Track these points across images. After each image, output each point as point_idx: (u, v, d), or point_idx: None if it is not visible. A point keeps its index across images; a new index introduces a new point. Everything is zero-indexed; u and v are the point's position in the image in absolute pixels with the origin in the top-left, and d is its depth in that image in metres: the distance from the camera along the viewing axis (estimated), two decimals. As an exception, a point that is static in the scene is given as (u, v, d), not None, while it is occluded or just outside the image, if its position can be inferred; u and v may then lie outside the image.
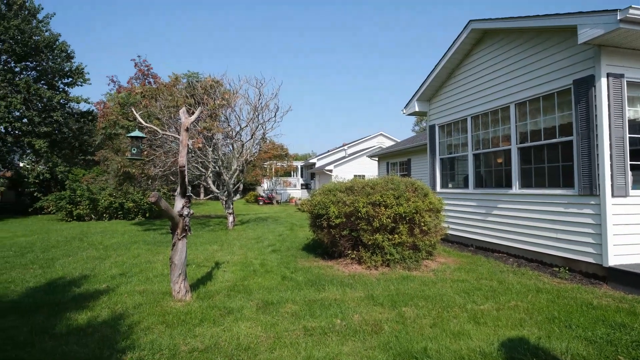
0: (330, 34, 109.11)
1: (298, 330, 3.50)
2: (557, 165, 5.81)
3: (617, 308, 3.92)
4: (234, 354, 3.05)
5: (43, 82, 19.16)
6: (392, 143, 28.60)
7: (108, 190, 15.59)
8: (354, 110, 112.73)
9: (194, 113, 4.87)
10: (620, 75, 5.01)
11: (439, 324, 3.57)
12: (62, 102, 19.43)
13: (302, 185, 34.14)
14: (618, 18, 4.36)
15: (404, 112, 9.81)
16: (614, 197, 4.92)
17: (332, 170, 27.22)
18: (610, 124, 4.94)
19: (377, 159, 21.03)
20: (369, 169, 25.38)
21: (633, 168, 5.09)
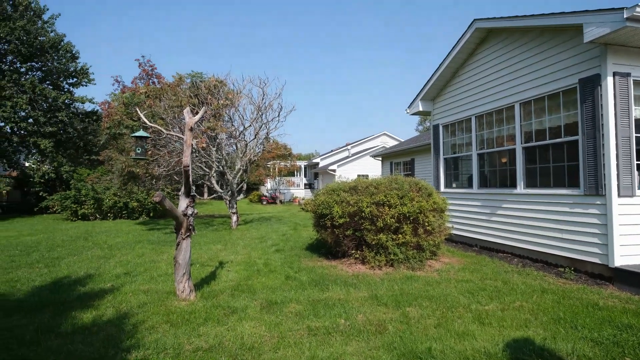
0: (333, 33, 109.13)
1: (302, 330, 3.50)
2: (562, 165, 5.77)
3: (623, 309, 3.89)
4: (238, 354, 3.05)
5: (48, 82, 19.30)
6: (395, 143, 28.53)
7: (112, 190, 15.68)
8: (357, 110, 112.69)
9: (198, 113, 4.89)
10: (627, 74, 4.96)
11: (444, 324, 3.56)
12: (67, 102, 19.56)
13: (305, 185, 34.15)
14: (625, 16, 4.32)
15: (408, 111, 9.78)
16: (620, 197, 4.87)
17: (335, 170, 27.20)
18: (617, 123, 4.90)
19: (380, 159, 20.98)
20: (373, 169, 25.33)
21: (640, 168, 5.05)
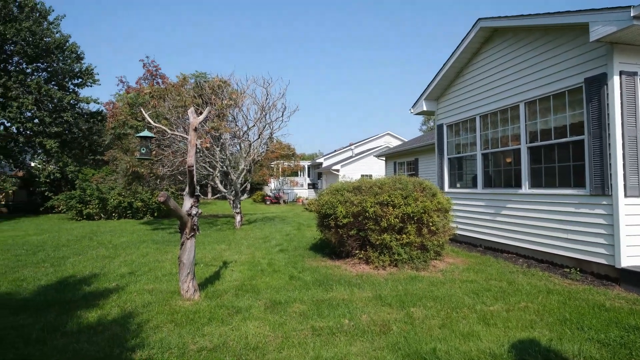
0: (336, 32, 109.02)
1: (306, 330, 3.50)
2: (567, 165, 5.73)
3: (630, 310, 3.85)
4: (242, 354, 3.05)
5: (54, 83, 19.43)
6: (399, 143, 28.48)
7: (117, 190, 15.76)
8: (361, 110, 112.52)
9: (202, 113, 4.90)
10: (634, 73, 4.91)
11: (448, 325, 3.55)
12: (72, 102, 19.69)
13: (309, 185, 34.16)
14: (632, 15, 4.28)
15: (412, 111, 9.76)
16: (627, 197, 4.83)
17: (339, 170, 27.20)
18: (623, 123, 4.86)
19: (384, 159, 20.94)
20: (376, 169, 25.29)
21: (646, 167, 4.99)
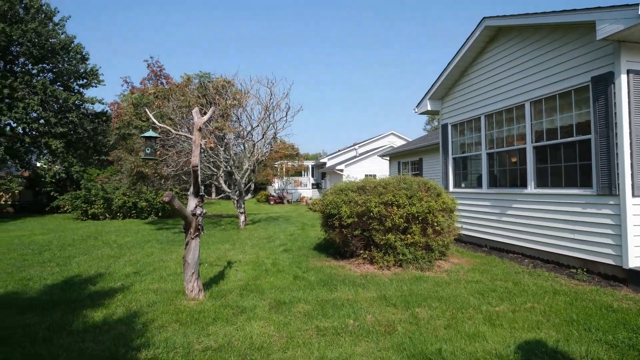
0: (340, 32, 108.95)
1: (311, 330, 3.49)
2: (574, 165, 5.68)
3: (638, 311, 3.81)
4: (247, 353, 3.05)
5: (59, 83, 19.57)
6: (403, 142, 28.41)
7: (122, 190, 15.85)
8: (365, 109, 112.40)
9: (206, 113, 4.90)
10: (641, 72, 4.86)
11: (454, 326, 3.53)
12: (77, 103, 19.82)
13: (313, 185, 34.17)
14: (639, 13, 4.24)
15: (416, 111, 9.72)
16: (635, 196, 4.78)
17: (343, 170, 27.17)
18: (631, 122, 4.80)
19: (388, 159, 20.90)
20: (380, 169, 25.24)
21: (654, 167, 4.93)
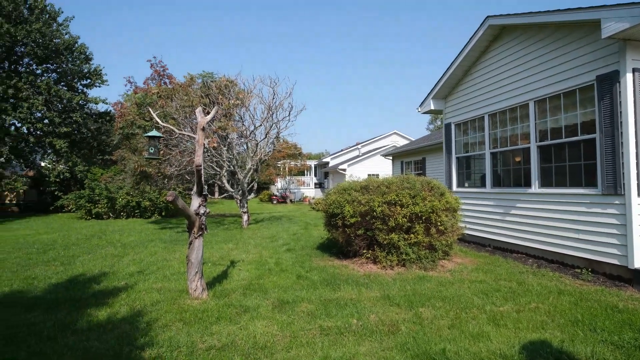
0: (341, 31, 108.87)
1: (314, 330, 3.49)
2: (579, 164, 5.64)
3: (644, 311, 3.78)
4: (251, 353, 3.06)
5: (63, 83, 19.65)
6: (406, 142, 28.35)
7: (125, 189, 15.90)
8: (368, 109, 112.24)
9: (210, 113, 4.91)
10: (647, 71, 4.83)
11: (458, 325, 3.51)
12: (81, 103, 19.90)
13: (315, 185, 34.16)
14: (645, 11, 4.21)
15: (419, 110, 9.70)
16: (640, 196, 4.75)
17: (345, 170, 27.13)
18: (636, 121, 4.77)
19: (391, 158, 20.85)
20: (383, 168, 25.18)
21: (660, 166, 4.89)
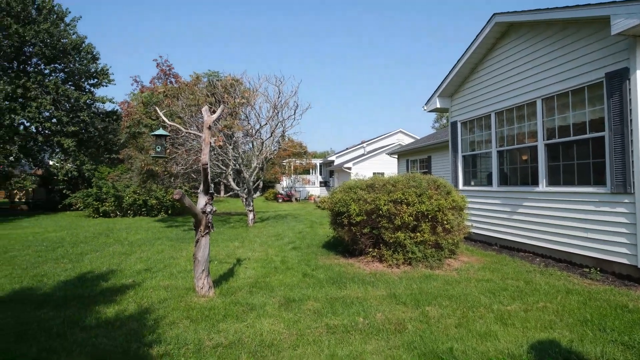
0: (344, 30, 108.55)
1: (320, 328, 3.49)
2: (587, 162, 5.58)
3: (654, 311, 3.74)
4: (258, 350, 3.07)
5: (70, 83, 19.84)
6: (411, 140, 28.21)
7: (132, 188, 16.03)
8: (373, 107, 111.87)
9: (215, 112, 4.93)
10: (658, 67, 4.75)
11: (465, 324, 3.50)
12: (88, 102, 20.10)
13: (321, 183, 34.19)
14: (656, 7, 4.14)
15: (425, 108, 9.65)
16: (650, 195, 4.69)
17: (351, 168, 27.11)
18: (647, 119, 4.71)
19: (396, 157, 20.80)
20: (388, 167, 25.11)
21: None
